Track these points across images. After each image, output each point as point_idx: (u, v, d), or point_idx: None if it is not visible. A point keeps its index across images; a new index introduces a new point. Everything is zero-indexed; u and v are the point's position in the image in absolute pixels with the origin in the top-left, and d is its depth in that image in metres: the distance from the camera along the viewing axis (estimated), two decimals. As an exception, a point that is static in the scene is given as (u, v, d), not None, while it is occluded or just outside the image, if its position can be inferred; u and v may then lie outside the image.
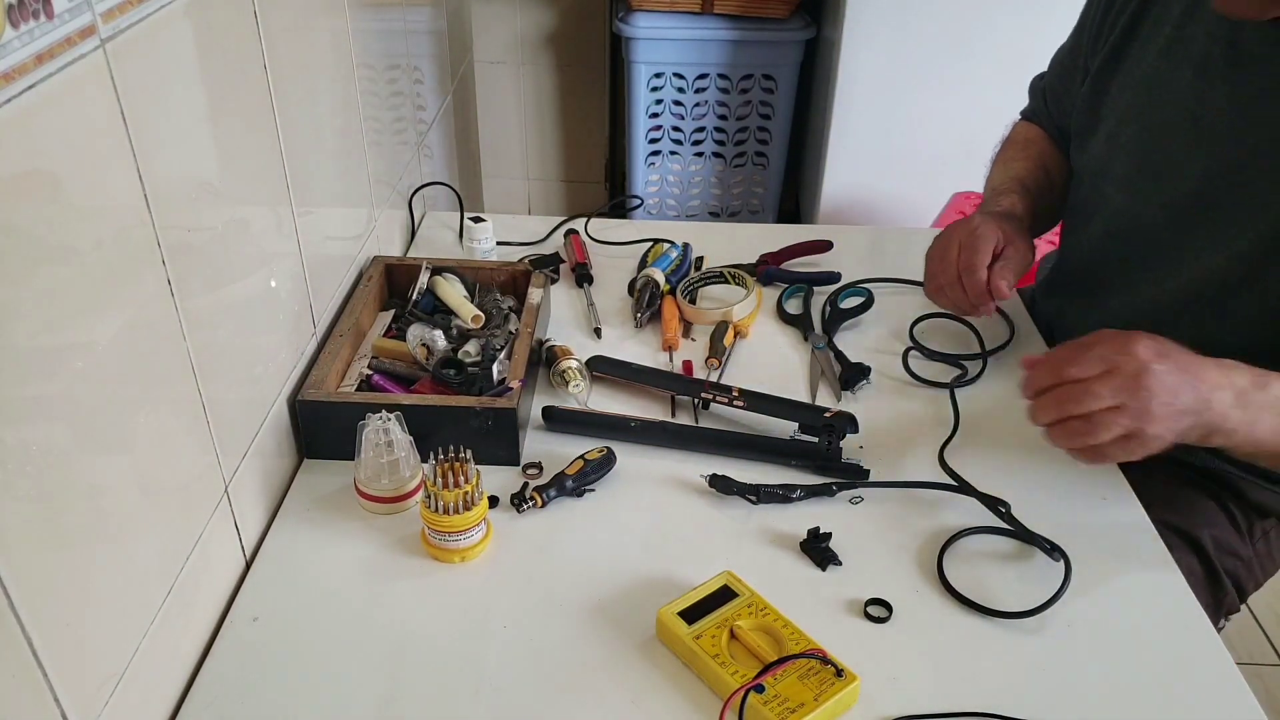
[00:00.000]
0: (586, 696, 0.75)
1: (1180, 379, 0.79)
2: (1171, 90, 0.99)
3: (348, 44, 1.11)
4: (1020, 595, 0.84)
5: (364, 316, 1.10)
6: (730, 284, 1.28)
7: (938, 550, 0.88)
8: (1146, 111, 1.02)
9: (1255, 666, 1.77)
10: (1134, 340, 0.79)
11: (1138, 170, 1.03)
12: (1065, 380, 0.80)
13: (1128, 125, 1.05)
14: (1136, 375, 0.78)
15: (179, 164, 0.72)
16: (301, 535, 0.88)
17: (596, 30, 2.49)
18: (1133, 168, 1.04)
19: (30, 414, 0.55)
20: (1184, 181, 0.98)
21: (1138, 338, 0.80)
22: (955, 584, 0.85)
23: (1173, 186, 0.99)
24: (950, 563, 0.87)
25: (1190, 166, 0.97)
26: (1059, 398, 0.80)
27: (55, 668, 0.57)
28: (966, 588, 0.84)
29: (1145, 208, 1.03)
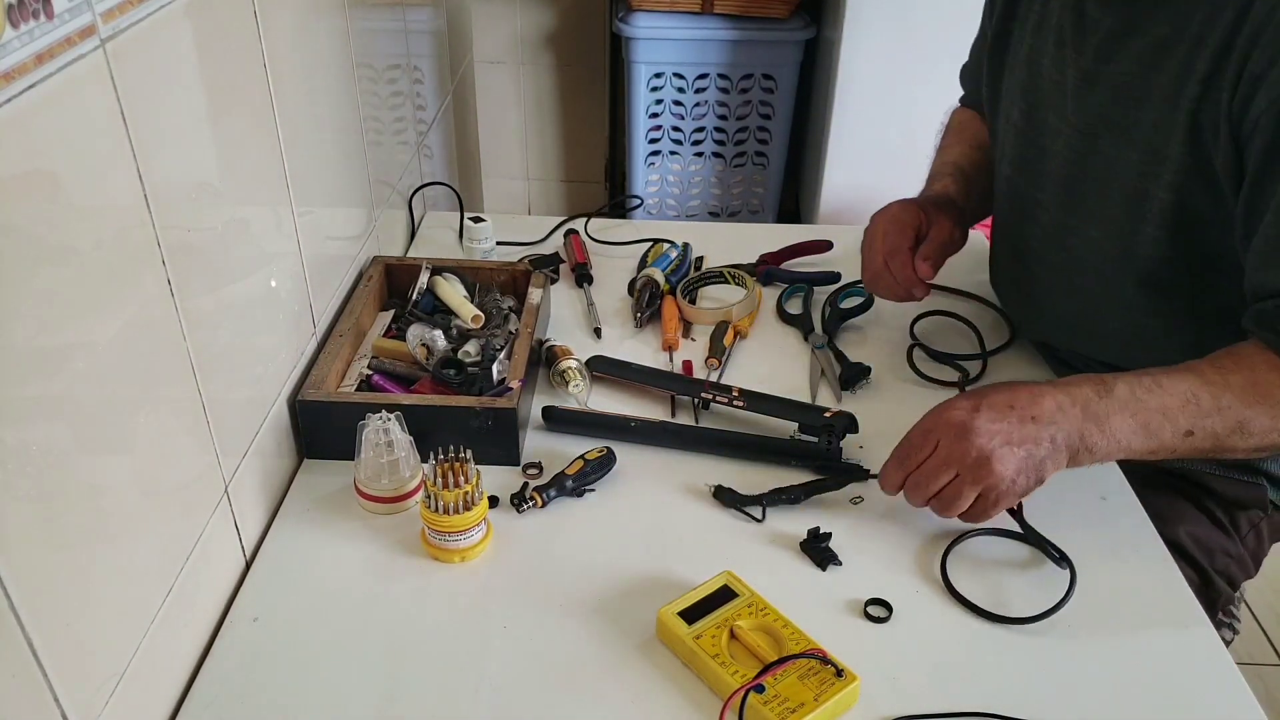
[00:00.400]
0: (586, 696, 0.75)
1: (1007, 418, 0.81)
2: (1042, 65, 1.01)
3: (348, 44, 1.11)
4: (1024, 598, 0.84)
5: (364, 316, 1.10)
6: (730, 284, 1.28)
7: (939, 550, 0.88)
8: (1028, 89, 1.04)
9: (1255, 666, 1.77)
10: (951, 404, 0.84)
11: (1025, 148, 1.05)
12: (909, 470, 0.84)
13: (1014, 105, 1.06)
14: (959, 437, 0.81)
15: (179, 164, 0.72)
16: (301, 535, 0.88)
17: (596, 30, 2.49)
18: (1021, 146, 1.06)
19: (30, 414, 0.55)
20: (1056, 155, 1.00)
21: (956, 399, 0.84)
22: (958, 585, 0.85)
23: (1050, 162, 1.01)
24: (954, 563, 0.87)
25: (1058, 139, 0.99)
26: (911, 487, 0.85)
27: (55, 668, 0.57)
28: (969, 589, 0.84)
29: (1033, 188, 1.04)
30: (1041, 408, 0.81)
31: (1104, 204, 0.96)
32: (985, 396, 0.83)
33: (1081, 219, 0.99)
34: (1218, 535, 1.04)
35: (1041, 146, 1.02)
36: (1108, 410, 0.81)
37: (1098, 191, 0.96)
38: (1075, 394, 0.82)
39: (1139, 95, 0.90)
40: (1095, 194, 0.97)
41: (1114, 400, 0.82)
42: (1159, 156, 0.89)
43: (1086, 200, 0.98)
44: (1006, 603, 0.83)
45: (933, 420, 0.84)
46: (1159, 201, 0.90)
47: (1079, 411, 0.81)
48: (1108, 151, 0.94)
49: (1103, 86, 0.93)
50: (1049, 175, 1.02)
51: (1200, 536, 1.02)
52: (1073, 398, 0.82)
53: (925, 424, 0.85)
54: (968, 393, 0.85)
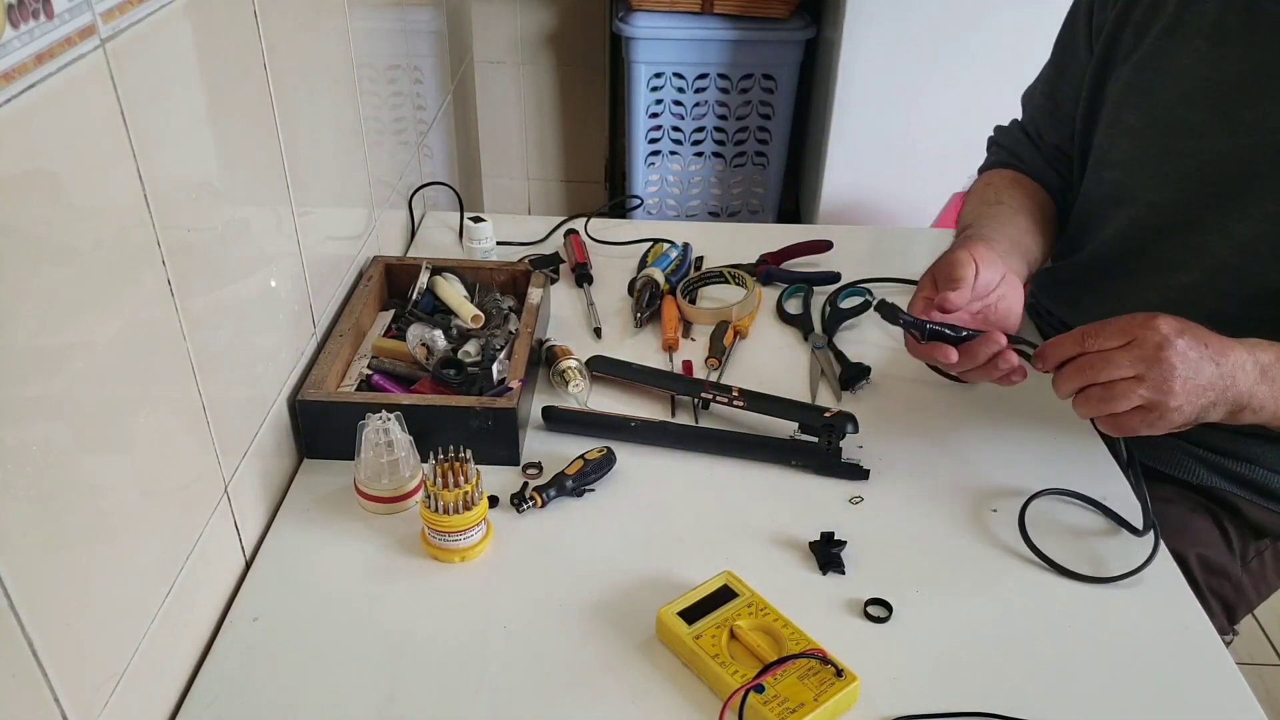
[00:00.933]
0: (586, 696, 0.75)
1: (1201, 354, 0.79)
2: (1180, 64, 0.98)
3: (348, 44, 1.11)
4: (1027, 598, 0.84)
5: (364, 316, 1.10)
6: (730, 284, 1.28)
7: (939, 550, 0.88)
8: (1150, 90, 1.01)
9: (1255, 666, 1.77)
10: (1156, 316, 0.80)
11: (1143, 150, 1.02)
12: (1087, 351, 0.81)
13: (1128, 108, 1.03)
14: (1158, 347, 0.78)
15: (179, 164, 0.72)
16: (301, 535, 0.88)
17: (596, 30, 2.49)
18: (1137, 149, 1.02)
19: (30, 414, 0.55)
20: (1199, 155, 0.97)
21: (1160, 315, 0.80)
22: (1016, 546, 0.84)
23: (1185, 162, 0.98)
24: (956, 564, 0.87)
25: (1207, 139, 0.96)
26: (1080, 366, 0.81)
27: (55, 668, 0.57)
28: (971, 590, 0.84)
29: (1153, 188, 1.02)
30: (1228, 358, 0.80)
31: (1267, 199, 0.93)
32: (1187, 323, 0.80)
33: (1225, 214, 0.96)
34: (1226, 558, 1.04)
35: (1167, 147, 0.99)
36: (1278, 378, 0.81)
37: (1258, 187, 0.93)
38: (1259, 355, 0.81)
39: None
40: (1254, 189, 0.94)
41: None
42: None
43: (1240, 196, 0.95)
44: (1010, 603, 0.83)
45: (1130, 321, 0.80)
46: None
47: (1258, 373, 0.81)
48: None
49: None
50: (1176, 173, 0.99)
51: (1210, 559, 1.02)
52: (1255, 358, 0.81)
53: (1121, 322, 0.81)
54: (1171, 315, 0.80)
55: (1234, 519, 1.05)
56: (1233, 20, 0.95)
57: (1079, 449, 1.01)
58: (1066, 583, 0.85)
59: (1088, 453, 1.00)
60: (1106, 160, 1.07)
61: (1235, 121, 0.94)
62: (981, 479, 0.96)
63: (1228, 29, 0.95)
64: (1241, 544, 1.05)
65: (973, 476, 0.97)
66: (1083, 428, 1.03)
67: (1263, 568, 1.06)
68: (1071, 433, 1.02)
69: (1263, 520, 1.04)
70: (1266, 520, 1.04)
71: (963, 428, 1.03)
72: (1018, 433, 1.03)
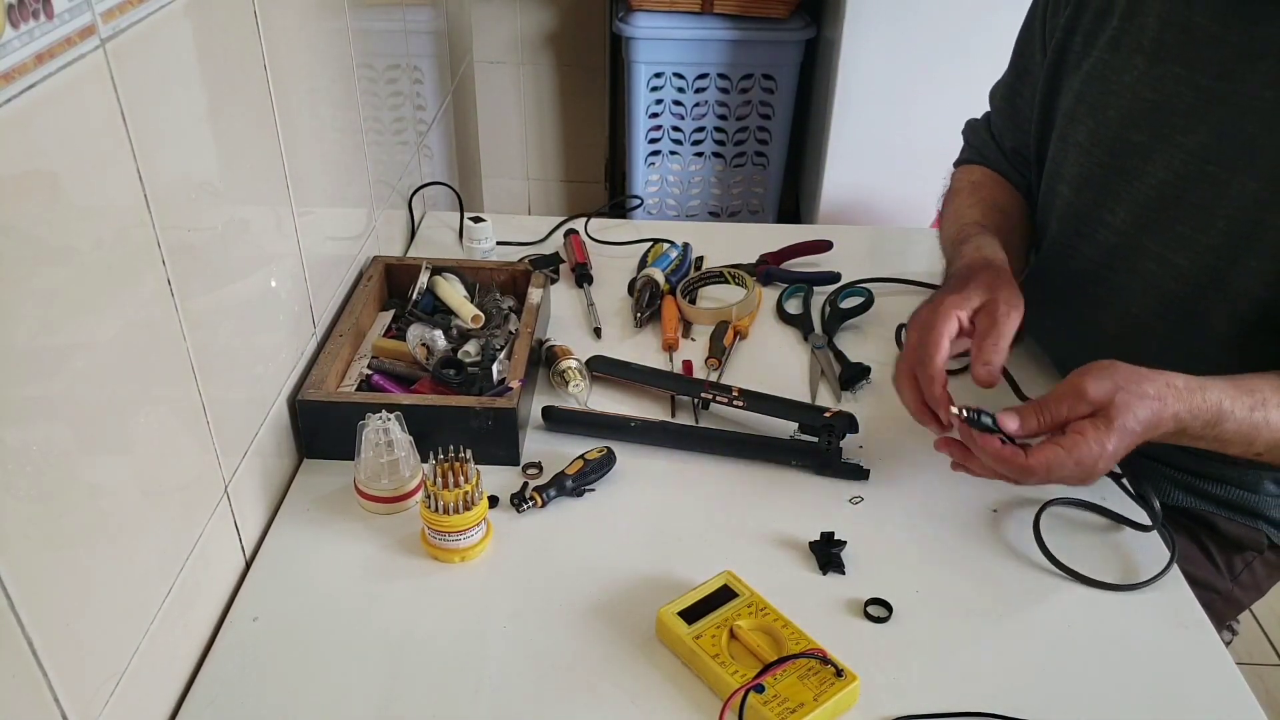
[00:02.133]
0: (586, 696, 0.75)
1: (1122, 453, 0.79)
2: (1122, 80, 0.95)
3: (348, 44, 1.11)
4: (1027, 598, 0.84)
5: (364, 316, 1.10)
6: (730, 284, 1.28)
7: (939, 551, 0.88)
8: (1096, 106, 0.98)
9: (1255, 666, 1.77)
10: (1102, 456, 0.78)
11: (1095, 167, 0.99)
12: (1034, 471, 0.80)
13: (1079, 122, 1.00)
14: (1085, 479, 0.79)
15: (179, 164, 0.72)
16: (301, 535, 0.88)
17: (596, 30, 2.49)
18: (1089, 165, 1.00)
19: (30, 414, 0.55)
20: (1147, 176, 0.94)
21: (1107, 449, 0.77)
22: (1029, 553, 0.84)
23: (1131, 182, 0.95)
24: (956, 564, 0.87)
25: (1153, 159, 0.93)
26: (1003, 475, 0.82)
27: (55, 668, 0.57)
28: (971, 590, 0.84)
29: (1100, 207, 0.99)
30: (1152, 436, 0.79)
31: (1201, 230, 0.90)
32: (1129, 436, 0.78)
33: (1164, 243, 0.94)
34: (1211, 573, 1.05)
35: (1118, 167, 0.96)
36: (1201, 436, 0.81)
37: (1195, 216, 0.90)
38: (1188, 427, 0.80)
39: (1270, 120, 0.84)
40: (1189, 219, 0.91)
41: (1214, 433, 0.81)
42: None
43: (1176, 224, 0.92)
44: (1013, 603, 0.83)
45: (1079, 464, 0.78)
46: (1276, 233, 0.85)
47: (1173, 435, 0.81)
48: (1219, 176, 0.88)
49: (1223, 107, 0.87)
50: (1126, 195, 0.96)
51: (1195, 576, 1.01)
52: (1181, 428, 0.80)
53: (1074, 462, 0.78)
54: (1115, 428, 0.77)
55: (1212, 535, 1.05)
56: (1170, 38, 0.91)
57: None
58: (1066, 582, 0.86)
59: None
60: (1060, 174, 1.04)
61: (1174, 146, 0.91)
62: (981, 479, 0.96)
63: (1165, 47, 0.91)
64: (1225, 559, 1.05)
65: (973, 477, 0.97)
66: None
67: (1254, 577, 1.07)
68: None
69: (1240, 535, 1.05)
70: (1243, 534, 1.05)
71: (963, 428, 1.03)
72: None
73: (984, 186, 1.15)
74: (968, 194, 1.14)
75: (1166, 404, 0.79)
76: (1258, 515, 1.04)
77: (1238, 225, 0.88)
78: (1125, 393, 0.78)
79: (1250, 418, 0.81)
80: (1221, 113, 0.87)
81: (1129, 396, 0.78)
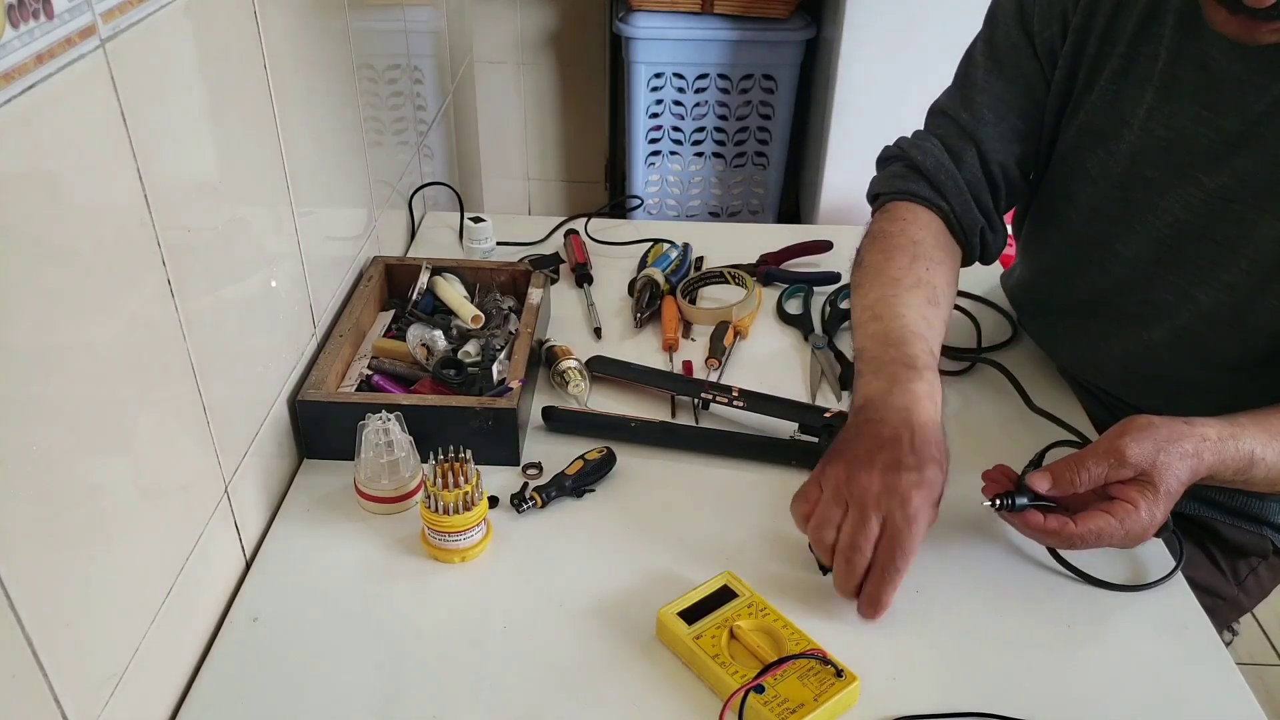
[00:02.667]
0: (586, 696, 0.74)
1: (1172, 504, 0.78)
2: (1133, 114, 0.92)
3: (348, 44, 1.11)
4: (1027, 598, 0.84)
5: (364, 316, 1.10)
6: (730, 284, 1.28)
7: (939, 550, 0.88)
8: (1107, 138, 0.94)
9: (1255, 666, 1.77)
10: (1151, 526, 0.77)
11: (1104, 198, 0.96)
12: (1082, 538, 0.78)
13: (1087, 152, 0.96)
14: (1139, 539, 0.78)
15: (179, 164, 0.72)
16: (301, 535, 0.88)
17: (596, 30, 2.49)
18: (1100, 197, 0.97)
19: (30, 414, 0.55)
20: (1164, 213, 0.92)
21: (1156, 518, 0.76)
22: (960, 586, 0.84)
23: (1149, 217, 0.93)
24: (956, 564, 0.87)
25: (1170, 195, 0.91)
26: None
27: (55, 668, 0.57)
28: (971, 590, 0.84)
29: (1112, 238, 0.97)
30: (1197, 475, 0.78)
31: (1221, 268, 0.89)
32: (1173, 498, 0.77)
33: (1182, 277, 0.92)
34: (1216, 578, 1.05)
35: (1131, 200, 0.94)
36: (1232, 480, 0.80)
37: (1218, 254, 0.89)
38: (1219, 475, 0.79)
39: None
40: (1213, 255, 0.89)
41: (1245, 478, 0.80)
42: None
43: (1197, 259, 0.90)
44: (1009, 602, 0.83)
45: (1128, 534, 0.77)
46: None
47: (1210, 478, 0.80)
48: (1244, 216, 0.86)
49: (1250, 151, 0.85)
50: (1140, 229, 0.94)
51: (1199, 581, 1.01)
52: (1215, 475, 0.79)
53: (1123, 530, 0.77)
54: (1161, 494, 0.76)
55: (1217, 541, 1.05)
56: (1184, 74, 0.87)
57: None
58: (1066, 582, 0.85)
59: (1088, 453, 1.00)
60: (1070, 199, 1.00)
61: (1195, 185, 0.89)
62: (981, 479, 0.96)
63: (1179, 83, 0.88)
64: (1230, 564, 1.05)
65: (973, 476, 0.97)
66: (1085, 429, 1.03)
67: (1259, 582, 1.07)
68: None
69: (1245, 541, 1.05)
70: (1248, 541, 1.05)
71: (963, 427, 1.03)
72: (1018, 433, 1.03)
73: (924, 259, 0.96)
74: (907, 267, 0.95)
75: (1203, 460, 0.78)
76: (1263, 521, 1.04)
77: (1261, 265, 0.86)
78: (1166, 454, 0.77)
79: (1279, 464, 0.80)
80: (1248, 157, 0.85)
81: (1170, 459, 0.77)
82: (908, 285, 0.93)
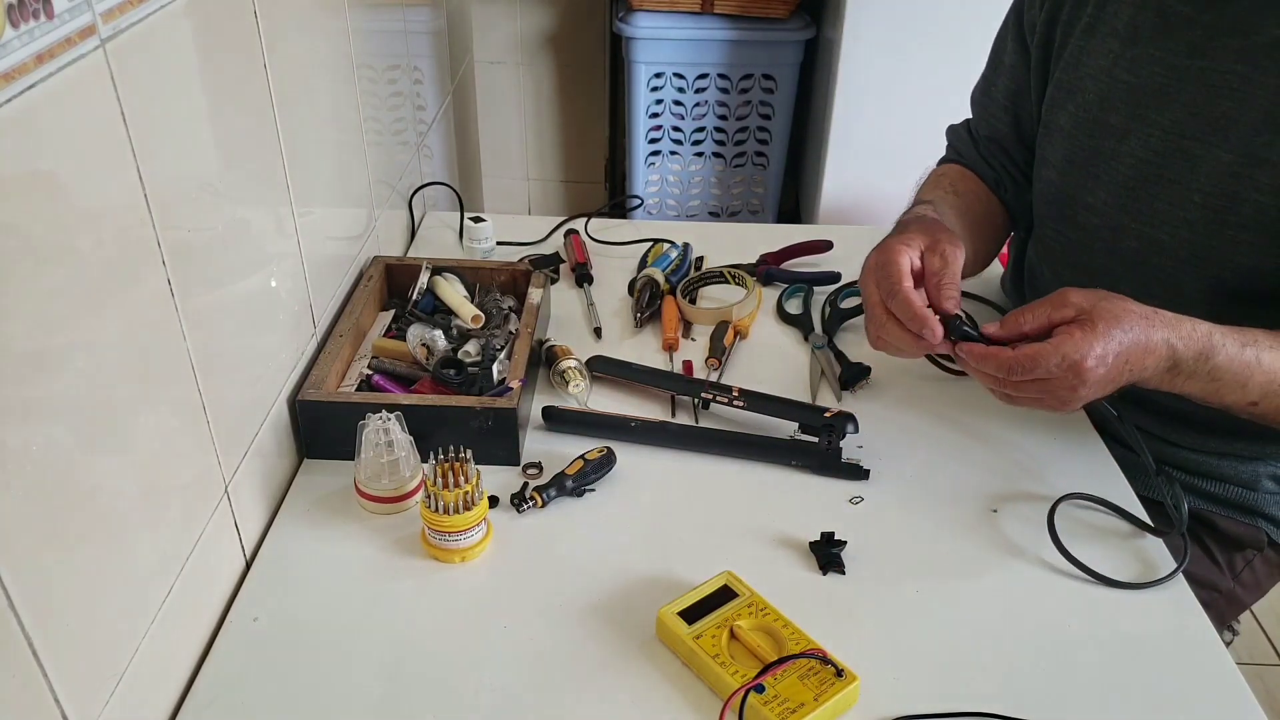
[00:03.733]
0: (586, 696, 0.75)
1: (1112, 374, 0.80)
2: (1098, 64, 0.98)
3: (348, 44, 1.11)
4: (1027, 598, 0.84)
5: (364, 316, 1.10)
6: (730, 284, 1.28)
7: (939, 550, 0.88)
8: (1074, 90, 1.01)
9: (1255, 666, 1.77)
10: (1087, 355, 0.78)
11: (1074, 151, 1.02)
12: (1008, 381, 0.82)
13: (1059, 107, 1.03)
14: (1071, 390, 0.80)
15: (179, 164, 0.72)
16: (301, 535, 0.88)
17: (596, 30, 2.49)
18: (1071, 148, 1.02)
19: (30, 414, 0.55)
20: (1125, 157, 0.96)
21: (1092, 346, 0.78)
22: (960, 586, 0.84)
23: (1110, 163, 0.98)
24: (956, 564, 0.87)
25: (1130, 139, 0.96)
26: (993, 384, 0.85)
27: (55, 668, 0.57)
28: (971, 590, 0.84)
29: (1082, 190, 1.01)
30: (1143, 363, 0.81)
31: (1178, 206, 0.93)
32: (1114, 342, 0.79)
33: (1144, 221, 0.96)
34: (1213, 571, 1.05)
35: (1096, 148, 0.99)
36: (1195, 373, 0.82)
37: (1172, 192, 0.93)
38: (1179, 353, 0.81)
39: (1241, 94, 0.87)
40: (1167, 195, 0.93)
41: (1207, 367, 0.82)
42: (1256, 159, 0.87)
43: (1155, 202, 0.95)
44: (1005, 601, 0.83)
45: (1062, 357, 0.79)
46: (1253, 205, 0.88)
47: (1168, 371, 0.82)
48: (1193, 151, 0.91)
49: (1195, 84, 0.90)
50: (1105, 177, 0.99)
51: (1195, 575, 1.01)
52: (1173, 359, 0.81)
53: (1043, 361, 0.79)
54: (1100, 332, 0.78)
55: (1212, 534, 1.05)
56: (1144, 21, 0.94)
57: (1080, 450, 1.01)
58: (1066, 582, 0.86)
59: (1089, 454, 1.00)
60: (1045, 160, 1.07)
61: (1150, 125, 0.94)
62: (982, 479, 0.96)
63: (1140, 30, 0.95)
64: (1226, 557, 1.05)
65: (973, 476, 0.97)
66: (1083, 429, 1.03)
67: (1255, 575, 1.07)
68: (1072, 434, 1.02)
69: (1240, 533, 1.05)
70: (1243, 533, 1.05)
71: (963, 428, 1.03)
72: (1018, 433, 1.03)
73: (947, 176, 1.17)
74: (931, 183, 1.17)
75: (1154, 325, 0.80)
76: (1257, 513, 1.04)
77: (1214, 198, 0.90)
78: (1109, 301, 0.80)
79: (1242, 354, 0.82)
80: (1194, 89, 0.90)
81: (1113, 305, 0.80)
82: (928, 188, 1.14)
